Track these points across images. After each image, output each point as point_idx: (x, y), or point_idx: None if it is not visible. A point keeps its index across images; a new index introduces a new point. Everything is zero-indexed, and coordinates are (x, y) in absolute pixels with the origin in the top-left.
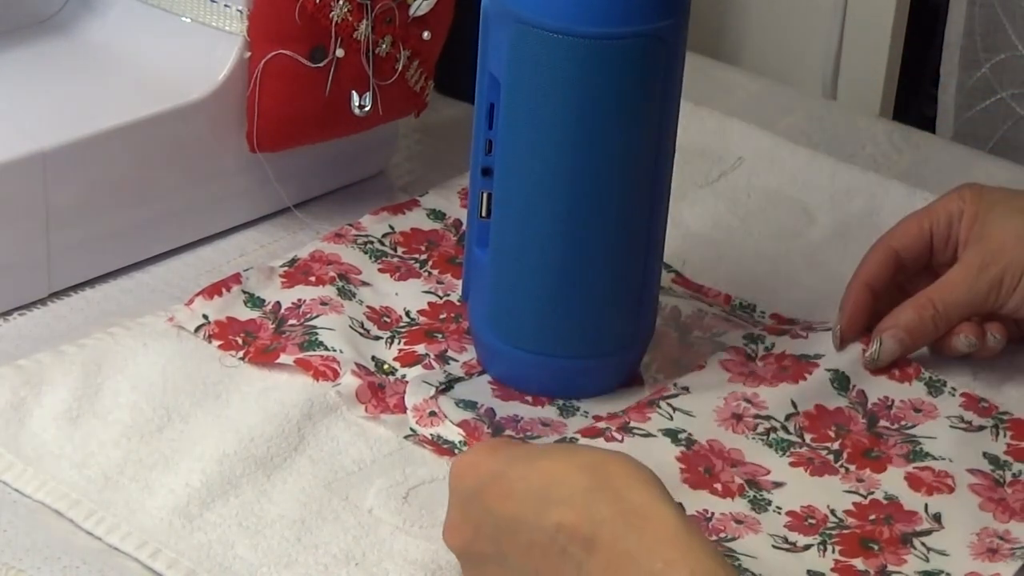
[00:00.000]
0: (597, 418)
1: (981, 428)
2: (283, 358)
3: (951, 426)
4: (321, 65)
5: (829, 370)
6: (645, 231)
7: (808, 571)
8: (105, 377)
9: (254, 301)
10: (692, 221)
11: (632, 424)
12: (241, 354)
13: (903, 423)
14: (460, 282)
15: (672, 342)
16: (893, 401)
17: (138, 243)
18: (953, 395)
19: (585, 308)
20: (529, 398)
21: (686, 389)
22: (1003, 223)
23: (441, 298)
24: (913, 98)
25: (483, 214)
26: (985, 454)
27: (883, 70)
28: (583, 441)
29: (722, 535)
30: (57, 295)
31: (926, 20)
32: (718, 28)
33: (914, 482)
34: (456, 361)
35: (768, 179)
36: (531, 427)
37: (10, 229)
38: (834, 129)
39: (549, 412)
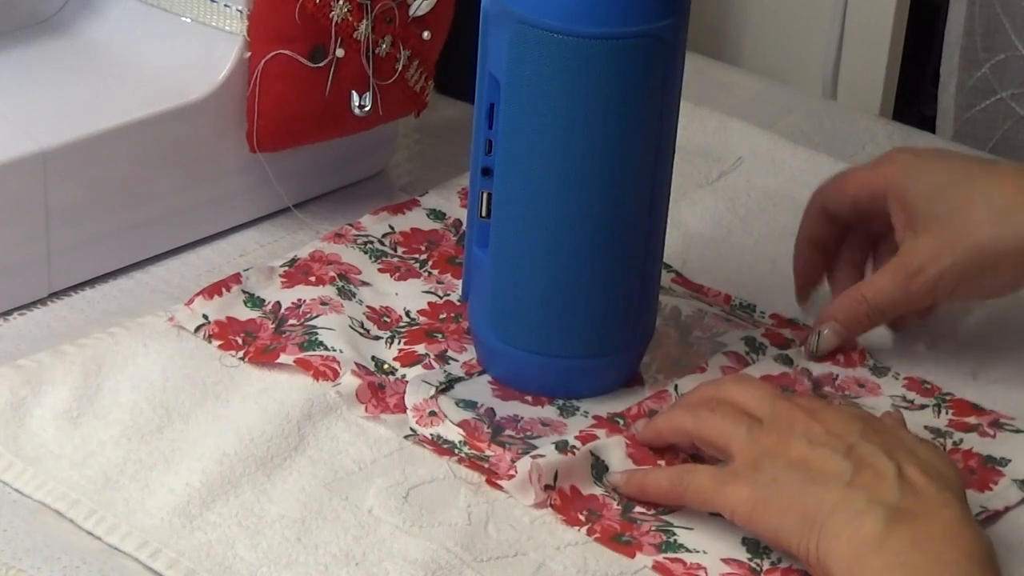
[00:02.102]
0: (598, 419)
1: (923, 407)
2: (283, 358)
3: (893, 404)
4: (321, 65)
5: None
6: (645, 231)
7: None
8: (105, 377)
9: (254, 301)
10: (692, 221)
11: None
12: (241, 354)
13: (846, 393)
14: (460, 282)
15: (672, 342)
16: (838, 375)
17: (138, 243)
18: (897, 379)
19: (585, 308)
20: (529, 398)
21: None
22: (940, 217)
23: (441, 298)
24: (913, 98)
25: (483, 214)
26: (927, 427)
27: (883, 70)
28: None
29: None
30: (57, 295)
31: (926, 20)
32: (718, 28)
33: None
34: (456, 361)
35: (768, 179)
36: (531, 427)
37: (10, 229)
38: (834, 129)
39: (549, 412)
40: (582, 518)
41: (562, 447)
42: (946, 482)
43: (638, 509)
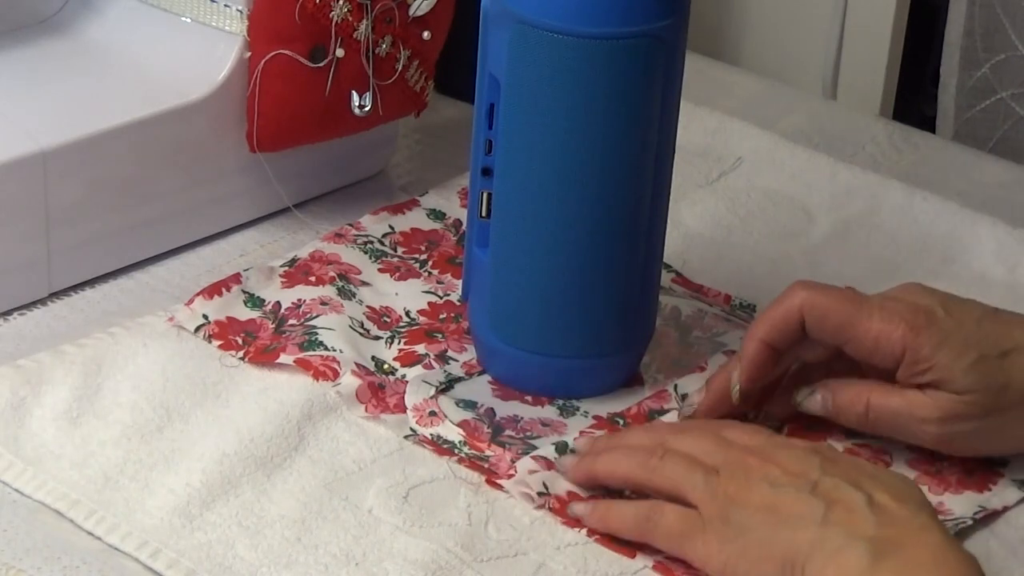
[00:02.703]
0: (598, 419)
1: None
2: (283, 358)
3: None
4: (321, 65)
5: None
6: (645, 231)
7: None
8: (105, 377)
9: (254, 301)
10: (692, 221)
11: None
12: (241, 354)
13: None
14: (460, 282)
15: (672, 342)
16: None
17: (138, 243)
18: None
19: (585, 308)
20: (529, 398)
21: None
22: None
23: (441, 298)
24: (913, 98)
25: (483, 214)
26: None
27: (883, 70)
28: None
29: None
30: (57, 295)
31: (926, 20)
32: (718, 28)
33: (851, 455)
34: (456, 361)
35: (768, 179)
36: (531, 427)
37: (10, 229)
38: (834, 129)
39: (549, 412)
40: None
41: (562, 448)
42: (917, 504)
43: None
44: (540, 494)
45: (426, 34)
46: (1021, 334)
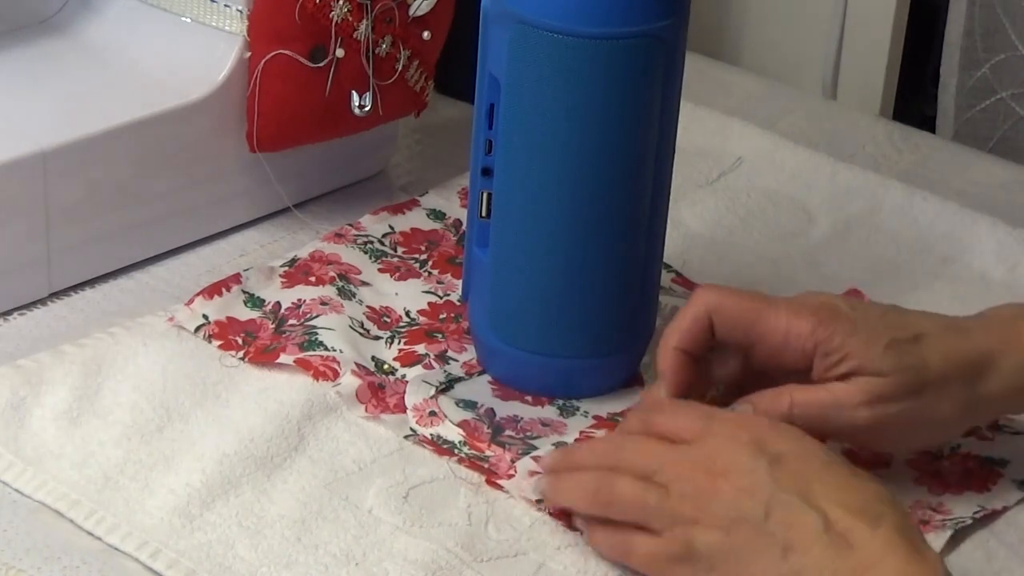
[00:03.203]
0: (598, 419)
1: None
2: (283, 358)
3: None
4: (321, 65)
5: None
6: (645, 231)
7: None
8: (105, 377)
9: (254, 301)
10: (692, 221)
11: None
12: (241, 354)
13: None
14: (460, 282)
15: None
16: None
17: (138, 243)
18: None
19: (585, 308)
20: (529, 398)
21: None
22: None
23: (441, 298)
24: (913, 98)
25: (483, 214)
26: None
27: (883, 70)
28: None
29: None
30: (57, 295)
31: (926, 20)
32: (718, 28)
33: (849, 455)
34: (456, 361)
35: (768, 179)
36: (531, 427)
37: (10, 229)
38: (834, 129)
39: (549, 412)
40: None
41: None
42: (876, 513)
43: None
44: (539, 501)
45: (426, 34)
46: (928, 323)
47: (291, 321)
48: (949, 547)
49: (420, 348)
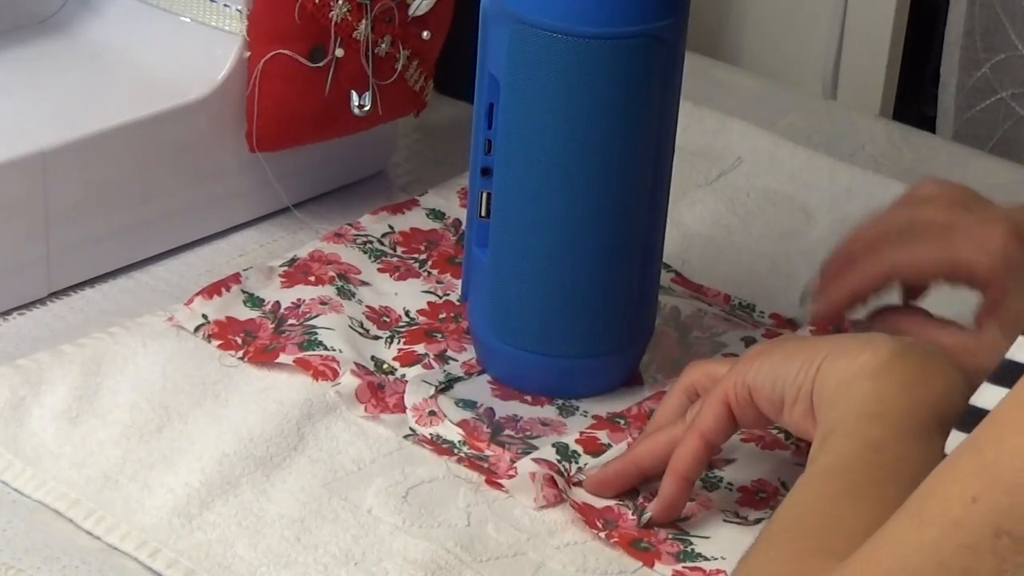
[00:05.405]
0: (598, 419)
1: None
2: (283, 358)
3: None
4: (321, 65)
5: None
6: (645, 231)
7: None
8: (105, 377)
9: (254, 301)
10: (692, 221)
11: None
12: (241, 354)
13: None
14: (460, 282)
15: (672, 342)
16: None
17: (138, 243)
18: None
19: (585, 308)
20: (529, 398)
21: None
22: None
23: (441, 298)
24: (913, 98)
25: (483, 214)
26: None
27: (883, 70)
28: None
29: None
30: (57, 295)
31: (926, 20)
32: (718, 28)
33: None
34: (456, 361)
35: (768, 179)
36: (531, 427)
37: (10, 229)
38: (834, 129)
39: (549, 412)
40: (599, 524)
41: (561, 449)
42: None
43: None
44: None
45: (426, 34)
46: None
47: (290, 321)
48: None
49: (419, 348)
